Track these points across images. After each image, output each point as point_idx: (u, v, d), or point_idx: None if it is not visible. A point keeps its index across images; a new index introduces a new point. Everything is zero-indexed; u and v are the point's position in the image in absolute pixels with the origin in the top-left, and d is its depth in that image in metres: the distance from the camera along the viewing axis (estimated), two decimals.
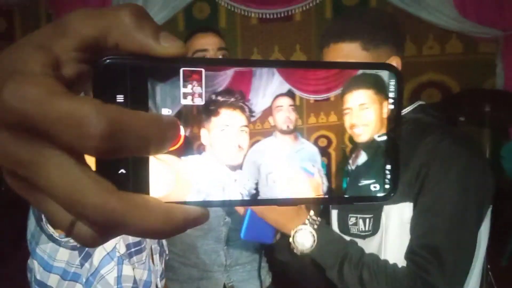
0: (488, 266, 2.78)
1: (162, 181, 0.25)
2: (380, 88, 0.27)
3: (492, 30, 4.14)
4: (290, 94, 0.27)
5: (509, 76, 4.10)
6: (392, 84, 0.27)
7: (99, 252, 0.83)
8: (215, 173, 0.27)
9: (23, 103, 0.20)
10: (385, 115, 0.27)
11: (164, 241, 1.00)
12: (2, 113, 0.20)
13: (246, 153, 0.27)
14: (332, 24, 1.13)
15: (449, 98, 3.72)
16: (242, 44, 4.69)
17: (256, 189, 0.28)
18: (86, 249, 0.81)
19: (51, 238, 0.65)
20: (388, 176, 0.28)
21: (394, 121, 0.27)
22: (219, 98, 0.26)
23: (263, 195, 0.28)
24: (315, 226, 0.97)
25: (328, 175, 0.28)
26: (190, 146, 0.26)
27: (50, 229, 0.60)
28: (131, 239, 0.89)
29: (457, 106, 3.00)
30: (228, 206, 0.25)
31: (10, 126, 0.21)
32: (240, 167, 0.27)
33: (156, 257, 0.97)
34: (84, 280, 0.82)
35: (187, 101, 0.25)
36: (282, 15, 4.54)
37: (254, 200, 0.28)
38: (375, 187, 0.28)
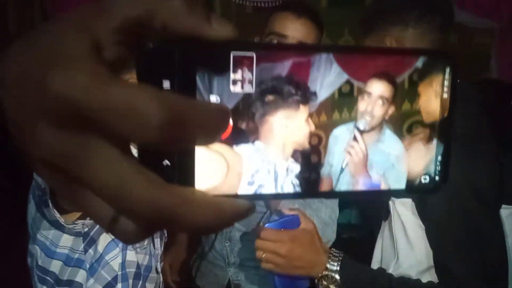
0: None
1: (212, 172, 0.24)
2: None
3: (488, 22, 4.15)
4: (389, 79, 0.26)
5: (503, 68, 4.12)
6: (448, 73, 0.26)
7: (104, 239, 0.83)
8: (267, 164, 0.26)
9: (72, 90, 0.18)
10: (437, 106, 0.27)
11: None
12: (46, 101, 0.19)
13: (305, 142, 0.26)
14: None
15: None
16: (237, 33, 4.64)
17: (312, 179, 0.27)
18: (91, 235, 0.80)
19: (54, 224, 0.65)
20: (439, 168, 0.27)
21: (450, 112, 0.27)
22: (275, 86, 0.25)
23: (319, 187, 0.27)
24: (338, 264, 0.93)
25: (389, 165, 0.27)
26: (243, 135, 0.25)
27: (57, 215, 0.60)
28: None
29: None
30: (280, 198, 0.24)
31: (54, 115, 0.19)
32: (293, 157, 0.26)
33: (157, 241, 0.97)
34: (88, 266, 0.82)
35: (237, 88, 0.24)
36: (277, 3, 4.51)
37: (308, 191, 0.27)
38: (425, 178, 0.28)
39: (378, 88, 0.26)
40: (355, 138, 0.27)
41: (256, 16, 4.58)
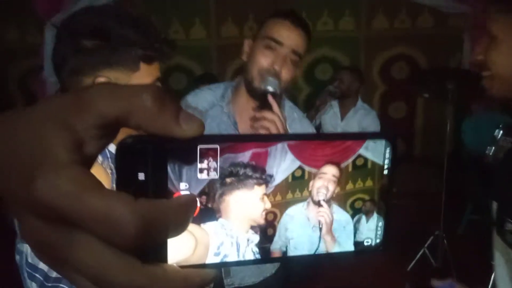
0: (444, 235, 2.98)
1: (183, 247, 0.27)
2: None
3: (462, 6, 4.22)
4: (337, 164, 0.30)
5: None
6: (388, 152, 0.31)
7: None
8: (230, 237, 0.29)
9: (56, 199, 0.20)
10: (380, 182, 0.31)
11: None
12: (34, 204, 0.21)
13: (262, 218, 0.30)
14: None
15: (415, 76, 3.83)
16: (216, 13, 4.61)
17: (268, 248, 0.31)
18: None
19: None
20: (379, 233, 0.32)
21: (388, 187, 0.31)
22: (236, 172, 0.28)
23: (275, 254, 0.31)
24: None
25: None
26: (209, 214, 0.28)
27: None
28: None
29: (423, 83, 3.11)
30: (242, 265, 0.30)
31: (42, 215, 0.22)
32: (252, 230, 0.30)
33: None
34: None
35: (203, 175, 0.27)
36: None
37: (266, 258, 0.31)
38: (368, 241, 0.33)
39: (328, 171, 0.30)
40: (320, 206, 0.31)
41: None
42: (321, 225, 0.31)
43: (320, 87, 4.18)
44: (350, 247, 0.32)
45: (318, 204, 0.31)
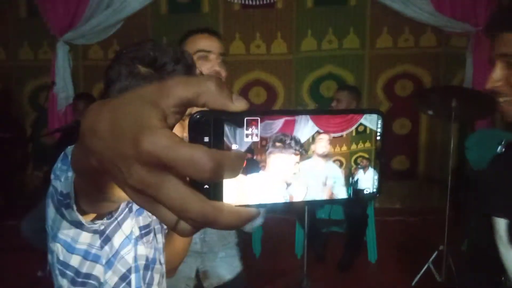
0: (448, 250, 3.00)
1: (234, 191, 0.36)
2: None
3: (465, 25, 4.31)
4: (327, 132, 0.39)
5: (478, 70, 4.28)
6: (379, 123, 0.41)
7: (119, 236, 0.94)
8: (270, 184, 0.38)
9: (159, 150, 0.29)
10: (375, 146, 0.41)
11: None
12: (141, 156, 0.30)
13: (295, 171, 0.39)
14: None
15: (420, 93, 3.88)
16: (224, 30, 4.72)
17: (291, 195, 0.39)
18: (107, 232, 0.92)
19: (74, 223, 0.74)
20: (376, 183, 0.42)
21: (381, 148, 0.41)
22: (272, 136, 0.37)
23: (299, 197, 0.40)
24: None
25: (342, 183, 0.41)
26: (253, 167, 0.37)
27: (79, 217, 0.69)
28: (142, 222, 1.01)
29: (427, 101, 3.17)
30: (276, 207, 0.40)
31: (145, 162, 0.30)
32: (288, 180, 0.39)
33: (159, 235, 1.09)
34: (104, 261, 0.93)
35: (248, 139, 0.37)
36: (265, 2, 4.61)
37: (295, 202, 0.39)
38: (367, 190, 0.42)
39: (323, 137, 0.40)
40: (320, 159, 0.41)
41: (243, 13, 4.67)
42: (327, 178, 0.41)
43: (325, 103, 4.26)
44: (348, 195, 0.42)
45: (321, 157, 0.40)
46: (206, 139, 0.34)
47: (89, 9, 4.65)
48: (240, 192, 0.37)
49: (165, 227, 1.14)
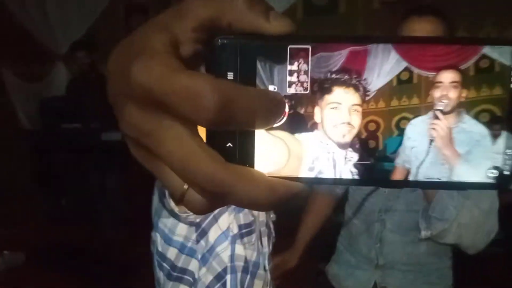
0: None
1: (273, 156, 0.26)
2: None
3: None
4: (455, 68, 0.26)
5: None
6: None
7: (215, 231, 0.89)
8: (325, 151, 0.27)
9: (148, 79, 0.22)
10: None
11: (271, 224, 1.04)
12: (131, 87, 0.23)
13: (358, 131, 0.27)
14: None
15: None
16: (365, 30, 4.49)
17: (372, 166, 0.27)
18: (203, 226, 0.87)
19: (171, 213, 0.72)
20: (509, 160, 0.26)
21: None
22: (332, 76, 0.26)
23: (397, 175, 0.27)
24: None
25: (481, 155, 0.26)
26: (301, 122, 0.27)
27: (172, 204, 0.66)
28: (242, 220, 0.94)
29: None
30: (338, 184, 0.25)
31: (136, 98, 0.23)
32: (349, 145, 0.27)
33: (265, 239, 1.01)
34: (199, 256, 0.89)
35: (293, 78, 0.26)
36: None
37: (366, 179, 0.28)
38: (492, 172, 0.26)
39: (446, 75, 0.26)
40: (436, 118, 0.26)
41: (383, 11, 4.41)
42: (432, 138, 0.27)
43: None
44: (482, 173, 0.26)
45: (435, 115, 0.26)
46: (230, 75, 0.25)
47: None
48: (286, 159, 0.26)
49: (273, 232, 1.04)
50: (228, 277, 0.90)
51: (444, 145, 0.26)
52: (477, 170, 0.26)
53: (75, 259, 3.36)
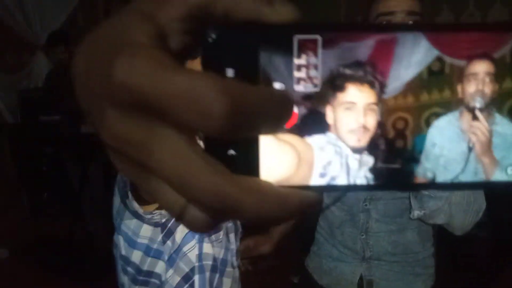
0: None
1: (281, 163, 0.23)
2: None
3: None
4: (489, 56, 0.23)
5: None
6: None
7: (182, 230, 0.84)
8: (339, 155, 0.24)
9: (136, 78, 0.18)
10: None
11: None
12: (112, 89, 0.19)
13: (374, 134, 0.24)
14: None
15: None
16: (302, 15, 4.29)
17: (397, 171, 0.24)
18: (168, 226, 0.83)
19: (135, 214, 0.68)
20: None
21: None
22: (346, 70, 0.23)
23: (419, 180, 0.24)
24: None
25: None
26: (312, 124, 0.23)
27: (135, 206, 0.62)
28: None
29: None
30: (353, 191, 0.24)
31: (120, 103, 0.19)
32: (365, 149, 0.24)
33: (232, 235, 0.97)
34: (166, 257, 0.84)
35: (301, 74, 0.22)
36: None
37: (386, 184, 0.24)
38: None
39: (482, 66, 0.23)
40: (475, 118, 0.23)
41: None
42: (472, 144, 0.24)
43: None
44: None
45: (472, 114, 0.23)
46: (230, 72, 0.22)
47: None
48: (296, 165, 0.23)
49: (239, 227, 1.01)
50: (196, 277, 0.85)
51: (483, 151, 0.24)
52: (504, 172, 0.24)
53: (59, 253, 3.33)
